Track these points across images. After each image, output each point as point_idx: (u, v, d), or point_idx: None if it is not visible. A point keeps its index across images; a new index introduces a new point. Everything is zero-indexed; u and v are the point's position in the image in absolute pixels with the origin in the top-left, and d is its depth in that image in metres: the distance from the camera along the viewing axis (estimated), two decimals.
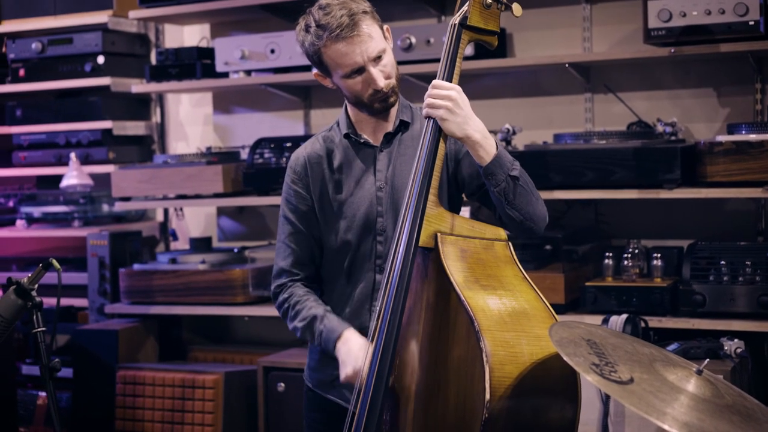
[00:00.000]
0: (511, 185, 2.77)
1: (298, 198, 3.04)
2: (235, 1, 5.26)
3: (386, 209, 2.97)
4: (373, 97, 2.91)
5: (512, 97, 5.08)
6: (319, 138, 3.09)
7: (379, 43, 2.89)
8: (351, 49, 2.85)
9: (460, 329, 2.55)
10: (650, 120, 4.66)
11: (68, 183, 5.64)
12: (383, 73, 2.89)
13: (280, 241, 3.08)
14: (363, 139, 3.02)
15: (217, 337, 5.77)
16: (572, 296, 4.42)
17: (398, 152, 3.00)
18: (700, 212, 4.65)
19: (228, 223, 5.86)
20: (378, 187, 2.98)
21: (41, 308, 2.88)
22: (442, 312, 2.61)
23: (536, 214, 2.85)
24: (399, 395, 2.68)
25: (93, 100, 5.82)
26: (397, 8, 5.24)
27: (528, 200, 2.82)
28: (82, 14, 5.79)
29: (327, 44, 2.87)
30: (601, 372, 2.25)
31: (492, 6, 2.80)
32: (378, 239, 2.97)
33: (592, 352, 2.35)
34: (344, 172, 3.02)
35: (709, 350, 3.97)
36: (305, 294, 3.01)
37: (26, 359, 5.70)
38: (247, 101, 5.78)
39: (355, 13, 2.86)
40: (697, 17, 4.24)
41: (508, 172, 2.77)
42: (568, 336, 2.42)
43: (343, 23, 2.84)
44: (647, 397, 2.21)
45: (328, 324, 2.91)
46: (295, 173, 3.06)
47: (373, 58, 2.87)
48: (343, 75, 2.90)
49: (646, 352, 2.50)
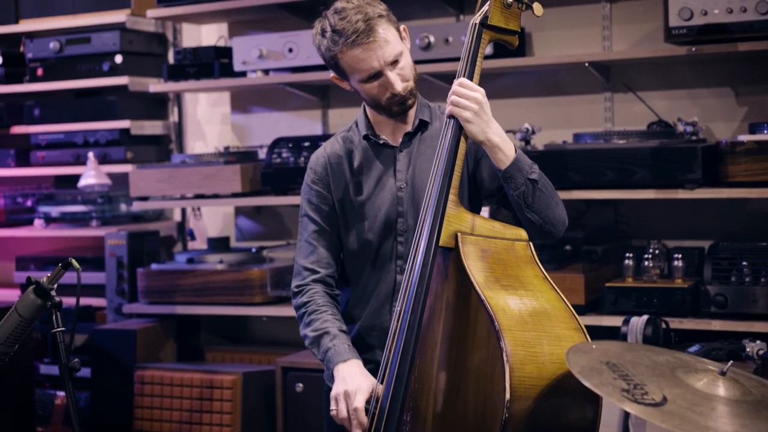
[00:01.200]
0: (530, 188, 2.77)
1: (319, 198, 3.03)
2: (253, 0, 5.25)
3: (407, 209, 2.96)
4: (390, 100, 2.90)
5: (532, 96, 5.05)
6: (339, 138, 3.08)
7: (396, 47, 2.87)
8: (367, 54, 2.84)
9: (480, 329, 2.53)
10: (670, 119, 4.63)
11: (86, 182, 5.64)
12: (401, 76, 2.88)
13: (302, 239, 3.06)
14: (382, 140, 3.01)
15: (235, 337, 5.76)
16: (592, 297, 4.39)
17: (418, 152, 2.99)
18: (722, 212, 4.62)
19: (246, 222, 5.85)
20: (399, 187, 2.97)
21: (60, 308, 2.87)
22: (463, 312, 2.60)
23: (555, 218, 2.85)
24: (419, 395, 2.66)
25: (111, 99, 5.82)
26: (415, 7, 5.23)
27: (547, 204, 2.81)
28: (100, 13, 5.79)
29: (343, 50, 2.85)
30: (634, 397, 2.21)
31: (513, 5, 2.78)
32: (399, 239, 2.96)
33: (617, 377, 2.31)
34: (364, 173, 3.01)
35: (731, 352, 3.93)
36: (324, 305, 2.98)
37: (44, 359, 5.70)
38: (265, 100, 5.77)
39: (371, 17, 2.84)
40: (718, 15, 4.21)
41: (527, 176, 2.76)
42: (587, 363, 2.38)
43: (359, 29, 2.82)
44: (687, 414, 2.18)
45: (339, 346, 2.87)
46: (316, 174, 3.05)
47: (390, 63, 2.86)
48: (360, 80, 2.89)
49: (664, 361, 2.46)
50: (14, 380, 4.79)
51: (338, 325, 2.94)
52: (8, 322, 2.89)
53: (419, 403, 2.66)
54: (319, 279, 3.02)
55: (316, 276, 3.02)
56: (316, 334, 2.93)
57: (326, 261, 3.03)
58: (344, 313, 3.07)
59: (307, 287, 3.01)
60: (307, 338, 2.97)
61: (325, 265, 3.03)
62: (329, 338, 2.90)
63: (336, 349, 2.87)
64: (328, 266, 3.04)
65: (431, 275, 2.64)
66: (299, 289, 3.03)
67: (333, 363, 2.86)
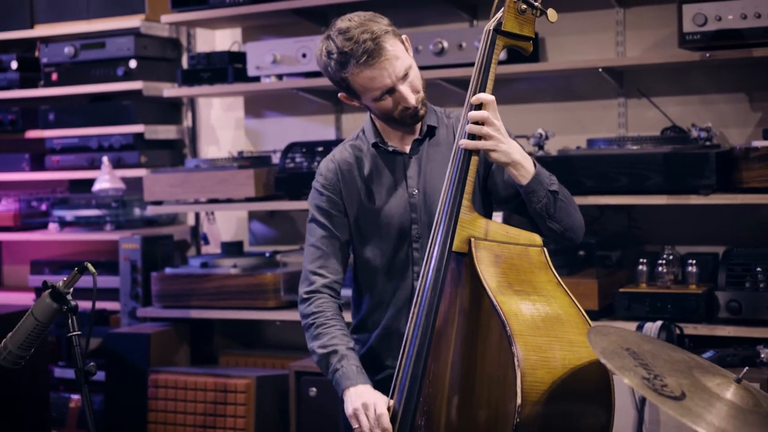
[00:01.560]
0: (552, 200, 2.79)
1: (329, 203, 3.02)
2: (267, 6, 5.25)
3: (420, 216, 2.95)
4: (404, 113, 2.90)
5: (545, 101, 5.06)
6: (347, 146, 3.07)
7: (405, 61, 2.86)
8: (379, 73, 2.83)
9: (492, 334, 2.54)
10: (684, 125, 4.62)
11: (100, 187, 5.66)
12: (412, 88, 2.87)
13: (309, 244, 3.04)
14: (391, 148, 3.00)
15: (249, 341, 5.77)
16: (605, 302, 4.38)
17: (428, 158, 2.98)
18: (736, 218, 4.61)
19: (259, 227, 5.87)
20: (411, 194, 2.97)
21: (76, 312, 2.88)
22: (476, 317, 2.61)
23: (575, 225, 2.87)
24: (433, 399, 2.67)
25: (125, 104, 5.83)
26: (429, 12, 5.23)
27: (568, 212, 2.84)
28: (114, 18, 5.81)
29: (354, 72, 2.83)
30: (654, 386, 2.22)
31: (527, 11, 2.78)
32: (414, 246, 2.96)
33: (638, 364, 2.32)
34: (375, 181, 3.00)
35: (746, 358, 3.93)
36: (333, 317, 2.96)
37: (59, 362, 5.72)
38: (278, 105, 5.79)
39: (378, 35, 2.81)
40: (732, 21, 4.21)
41: (548, 188, 2.78)
42: (608, 345, 2.39)
43: (368, 48, 2.80)
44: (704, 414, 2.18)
45: (347, 368, 2.86)
46: (327, 179, 3.04)
47: (401, 77, 2.85)
48: (373, 98, 2.88)
49: (681, 359, 2.47)
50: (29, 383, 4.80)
51: (346, 343, 2.92)
52: (24, 325, 2.90)
53: (433, 407, 2.66)
54: (327, 284, 3.01)
55: (325, 281, 3.01)
56: (325, 351, 2.91)
57: (334, 266, 3.02)
58: (362, 320, 3.07)
59: (316, 294, 3.00)
60: (315, 354, 2.95)
61: (333, 270, 3.02)
62: (338, 358, 2.88)
63: (344, 371, 2.86)
64: (336, 272, 3.03)
65: (444, 280, 2.65)
66: (308, 296, 3.01)
67: (342, 387, 2.85)
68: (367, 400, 2.75)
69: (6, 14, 6.09)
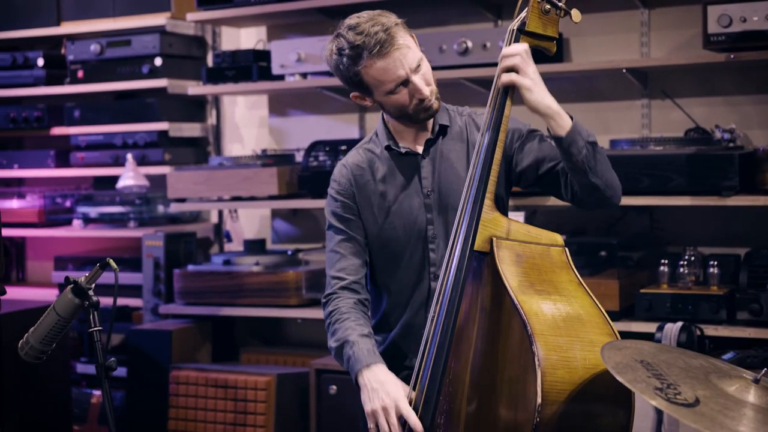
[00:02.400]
0: (592, 152, 2.75)
1: (344, 208, 3.03)
2: (292, 5, 5.27)
3: (435, 216, 2.96)
4: (418, 107, 2.90)
5: (569, 101, 5.04)
6: (360, 150, 3.08)
7: (416, 52, 2.88)
8: (393, 63, 2.83)
9: (513, 333, 2.54)
10: (708, 126, 4.61)
11: (124, 184, 5.69)
12: (425, 80, 2.88)
13: (328, 250, 3.05)
14: (404, 149, 3.00)
15: (270, 338, 5.79)
16: (627, 303, 4.37)
17: (441, 157, 2.98)
18: (759, 220, 4.59)
19: (282, 225, 5.88)
20: (425, 194, 2.97)
21: (98, 308, 2.89)
22: (497, 316, 2.61)
23: (615, 182, 2.85)
24: (453, 398, 2.67)
25: (150, 101, 5.86)
26: (453, 12, 5.24)
27: (607, 167, 2.82)
28: (140, 16, 5.85)
29: (368, 64, 2.84)
30: (666, 396, 2.22)
31: (551, 11, 2.78)
32: (430, 247, 2.96)
33: (651, 375, 2.32)
34: (389, 183, 3.00)
35: (766, 359, 3.92)
36: (347, 311, 2.95)
37: (81, 358, 5.75)
38: (302, 104, 5.80)
39: (388, 26, 2.83)
40: (757, 23, 4.19)
41: (587, 139, 2.75)
42: (621, 359, 2.39)
43: (380, 39, 2.80)
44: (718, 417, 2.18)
45: (357, 353, 2.84)
46: (340, 185, 3.04)
47: (414, 69, 2.86)
48: (387, 91, 2.87)
49: (698, 365, 2.46)
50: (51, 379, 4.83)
51: (359, 331, 2.89)
52: (46, 320, 2.92)
53: (453, 406, 2.67)
54: (345, 286, 3.00)
55: (342, 283, 3.00)
56: (338, 344, 2.91)
57: (353, 268, 3.01)
58: (380, 321, 3.08)
59: (333, 296, 3.00)
60: (332, 350, 2.95)
61: (351, 271, 3.01)
62: (348, 346, 2.87)
63: (355, 355, 2.84)
64: (355, 273, 3.02)
65: (466, 279, 2.66)
66: (326, 299, 3.02)
67: (354, 371, 2.83)
68: (386, 403, 2.72)
69: (33, 12, 6.14)
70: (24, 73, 6.16)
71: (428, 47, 4.83)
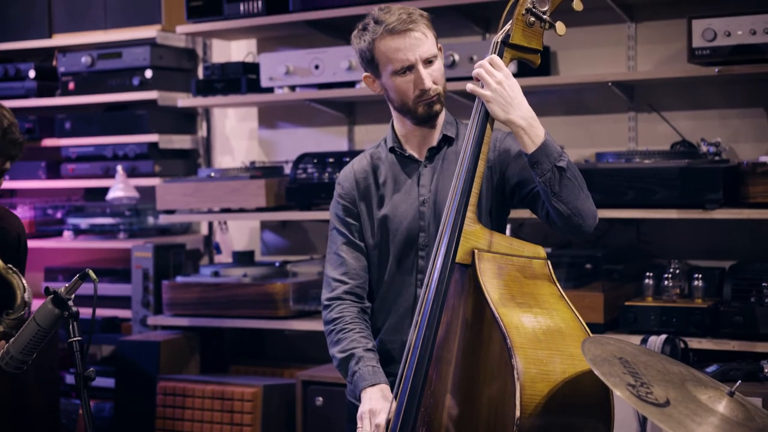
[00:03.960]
0: (557, 176, 2.74)
1: (346, 211, 3.07)
2: (281, 17, 5.28)
3: (428, 224, 2.98)
4: (419, 99, 2.92)
5: (555, 115, 5.07)
6: (367, 155, 3.12)
7: (432, 48, 2.93)
8: (404, 44, 2.89)
9: (493, 346, 2.55)
10: (695, 140, 4.63)
11: (114, 195, 5.71)
12: (432, 76, 2.92)
13: (331, 252, 3.09)
14: (408, 153, 3.04)
15: (258, 350, 5.79)
16: (611, 315, 4.39)
17: (442, 168, 3.01)
18: (742, 233, 4.61)
19: (271, 237, 5.90)
20: (421, 201, 2.99)
21: (77, 318, 2.91)
22: (478, 328, 2.62)
23: (584, 210, 2.80)
24: (434, 410, 2.68)
25: (140, 113, 5.88)
26: (442, 25, 5.20)
27: (576, 194, 2.78)
28: (131, 29, 5.86)
29: (382, 36, 2.91)
30: (638, 393, 2.25)
31: (535, 24, 2.80)
32: (420, 254, 2.98)
33: (627, 372, 2.34)
34: (389, 186, 3.04)
35: (749, 372, 3.94)
36: (352, 321, 2.99)
37: (70, 369, 5.76)
38: (291, 116, 5.82)
39: (413, 13, 2.92)
40: (741, 37, 4.21)
41: (554, 162, 2.74)
42: (601, 354, 2.42)
43: (401, 19, 2.89)
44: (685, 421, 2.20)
45: (363, 369, 2.89)
46: (343, 188, 3.10)
47: (424, 59, 2.90)
48: (393, 71, 2.92)
49: (677, 371, 2.49)
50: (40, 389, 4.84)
51: (364, 344, 2.95)
52: (27, 331, 2.94)
53: (434, 418, 2.67)
54: (349, 290, 3.03)
55: (346, 287, 3.03)
56: (344, 356, 2.94)
57: (355, 272, 3.05)
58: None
59: (337, 301, 3.03)
60: (335, 359, 2.98)
61: (354, 276, 3.05)
62: (355, 361, 2.92)
63: (361, 372, 2.89)
64: (358, 277, 3.05)
65: (447, 291, 2.66)
66: (330, 303, 3.04)
67: (360, 388, 2.88)
68: (374, 407, 2.79)
69: (25, 24, 6.15)
70: (15, 84, 6.17)
71: None
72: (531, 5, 2.78)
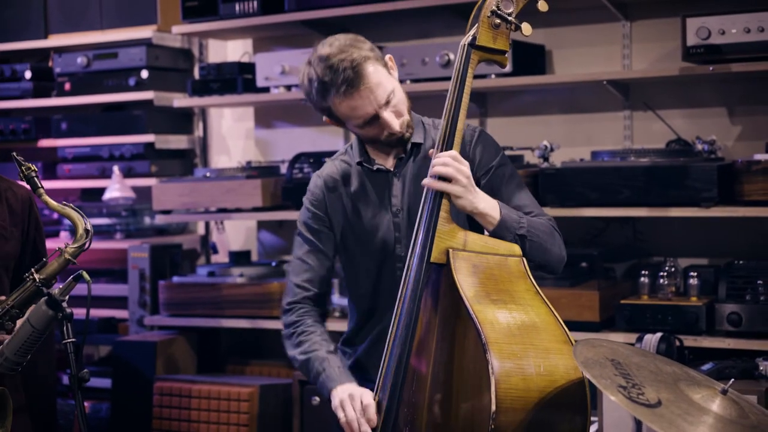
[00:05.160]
0: (521, 243, 2.79)
1: (315, 219, 3.07)
2: (277, 17, 5.29)
3: (404, 235, 2.98)
4: (389, 138, 2.94)
5: (551, 113, 5.07)
6: (336, 161, 3.11)
7: (387, 86, 2.88)
8: (361, 102, 2.86)
9: (469, 343, 2.58)
10: (690, 138, 4.63)
11: (111, 196, 5.70)
12: (395, 113, 2.91)
13: (295, 257, 3.09)
14: (376, 166, 3.03)
15: (255, 349, 5.79)
16: (607, 314, 4.39)
17: (412, 176, 3.01)
18: (738, 231, 4.61)
19: (268, 236, 5.90)
20: (394, 213, 2.99)
21: (72, 319, 2.92)
22: (454, 326, 2.64)
23: (552, 260, 2.88)
24: (415, 408, 2.69)
25: (136, 113, 5.88)
26: (436, 24, 5.26)
27: (542, 250, 2.85)
28: (127, 29, 5.86)
29: (335, 102, 2.87)
30: (629, 394, 2.25)
31: (501, 26, 2.82)
32: (398, 266, 2.98)
33: (618, 374, 2.35)
34: (361, 199, 3.04)
35: (744, 370, 3.94)
36: (313, 325, 3.01)
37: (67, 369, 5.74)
38: (287, 116, 5.82)
39: (358, 63, 2.83)
40: (736, 35, 4.21)
41: (515, 232, 2.79)
42: (592, 356, 2.42)
43: (348, 77, 2.82)
44: (676, 420, 2.20)
45: (329, 371, 2.89)
46: (313, 195, 3.09)
47: (383, 104, 2.88)
48: (356, 125, 2.92)
49: (670, 371, 2.49)
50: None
51: (326, 347, 2.96)
52: (21, 332, 2.95)
53: (415, 417, 2.69)
54: (310, 297, 3.05)
55: (308, 293, 3.05)
56: (306, 356, 2.95)
57: (318, 280, 3.06)
58: (351, 334, 3.11)
59: (298, 305, 3.04)
60: (296, 360, 3.00)
61: (317, 284, 3.06)
62: (318, 362, 2.92)
63: (327, 373, 2.89)
64: (320, 285, 3.07)
65: (423, 291, 2.69)
66: (290, 307, 3.06)
67: (327, 389, 2.87)
68: (354, 392, 2.79)
69: (21, 25, 6.16)
70: (11, 85, 6.18)
71: (411, 60, 4.86)
72: (496, 7, 2.79)
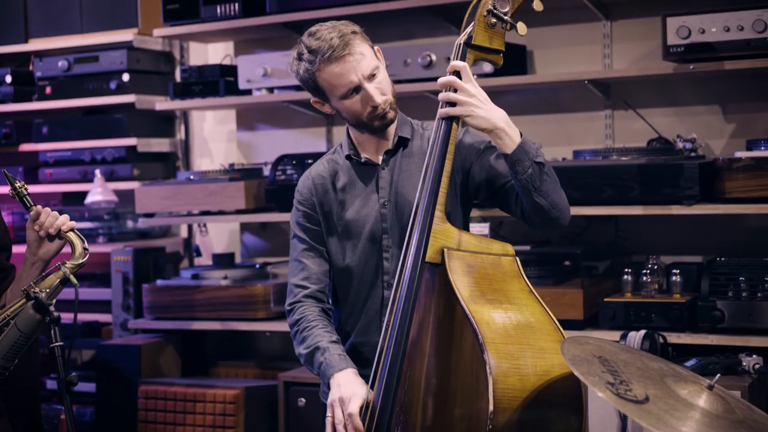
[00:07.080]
0: (537, 171, 2.79)
1: (306, 218, 3.09)
2: (258, 20, 5.29)
3: (391, 226, 3.00)
4: (372, 114, 2.95)
5: (532, 113, 5.09)
6: (324, 161, 3.14)
7: (372, 61, 2.93)
8: (345, 68, 2.89)
9: (465, 342, 2.58)
10: (671, 136, 4.66)
11: (93, 199, 5.69)
12: (379, 89, 2.93)
13: (292, 259, 3.12)
14: (364, 159, 3.06)
15: (239, 352, 5.79)
16: (591, 312, 4.41)
17: (400, 169, 3.03)
18: (719, 228, 4.65)
19: (251, 239, 5.90)
20: (382, 204, 3.02)
21: (59, 323, 2.91)
22: (449, 326, 2.64)
23: (561, 203, 2.89)
24: (409, 408, 2.69)
25: (118, 117, 5.87)
26: (418, 26, 5.27)
27: (554, 187, 2.85)
28: (107, 32, 5.85)
29: (321, 67, 2.91)
30: (617, 391, 2.27)
31: (497, 25, 2.83)
32: (384, 256, 3.00)
33: (606, 370, 2.36)
34: (348, 192, 3.06)
35: (727, 366, 3.96)
36: (315, 319, 3.02)
37: (51, 374, 5.75)
38: (269, 118, 5.82)
39: (344, 33, 2.90)
40: (715, 34, 4.24)
41: (533, 159, 2.79)
42: (580, 353, 2.43)
43: (334, 44, 2.87)
44: (664, 416, 2.22)
45: (330, 358, 2.90)
46: (302, 195, 3.12)
47: (367, 76, 2.91)
48: (340, 96, 2.94)
49: (656, 368, 2.51)
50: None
51: (328, 338, 2.97)
52: (7, 337, 2.94)
53: (409, 416, 2.69)
54: (309, 294, 3.06)
55: (306, 291, 3.06)
56: (309, 351, 2.97)
57: (316, 277, 3.08)
58: (337, 330, 3.11)
59: (298, 304, 3.06)
60: (302, 356, 3.01)
61: (315, 281, 3.08)
62: (320, 353, 2.93)
63: (327, 361, 2.90)
64: (319, 282, 3.08)
65: (418, 291, 2.69)
66: (291, 307, 3.08)
67: (327, 376, 2.89)
68: (344, 395, 2.78)
69: (0, 29, 6.14)
70: None
71: (393, 61, 4.87)
72: (492, 6, 2.81)
